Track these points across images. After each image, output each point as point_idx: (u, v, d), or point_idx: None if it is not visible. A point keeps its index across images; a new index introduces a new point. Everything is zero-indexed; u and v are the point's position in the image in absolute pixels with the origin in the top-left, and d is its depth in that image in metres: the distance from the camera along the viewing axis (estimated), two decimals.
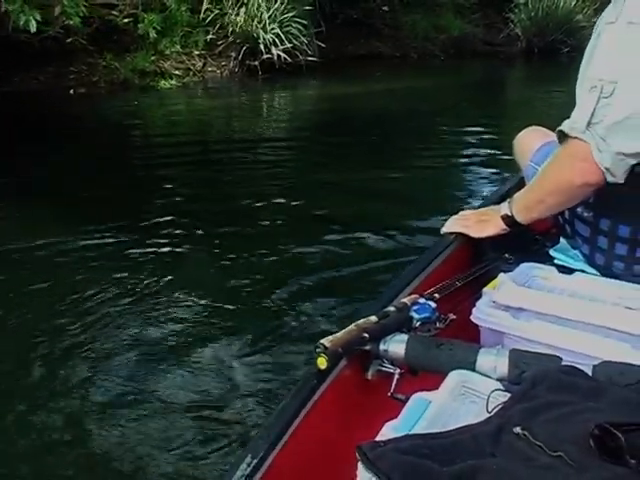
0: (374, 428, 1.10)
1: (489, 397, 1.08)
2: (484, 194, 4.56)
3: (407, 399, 1.16)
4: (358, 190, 4.87)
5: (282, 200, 4.68)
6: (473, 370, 1.21)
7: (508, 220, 1.72)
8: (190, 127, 7.50)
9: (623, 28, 1.39)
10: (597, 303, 1.49)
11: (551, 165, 1.59)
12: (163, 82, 9.16)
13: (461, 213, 1.94)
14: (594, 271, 1.73)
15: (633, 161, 1.42)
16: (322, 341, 1.25)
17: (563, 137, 1.50)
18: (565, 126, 1.48)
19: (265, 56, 9.82)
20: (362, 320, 1.34)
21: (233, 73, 10.03)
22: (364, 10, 12.39)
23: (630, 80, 1.37)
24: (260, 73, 9.87)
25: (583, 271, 1.72)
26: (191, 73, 9.70)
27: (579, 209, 1.70)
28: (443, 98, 9.43)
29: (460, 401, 1.13)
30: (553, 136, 1.63)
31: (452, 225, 1.89)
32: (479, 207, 2.05)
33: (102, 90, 8.82)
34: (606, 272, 1.70)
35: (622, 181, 1.44)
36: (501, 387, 1.13)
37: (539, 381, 1.06)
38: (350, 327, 1.31)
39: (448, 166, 5.93)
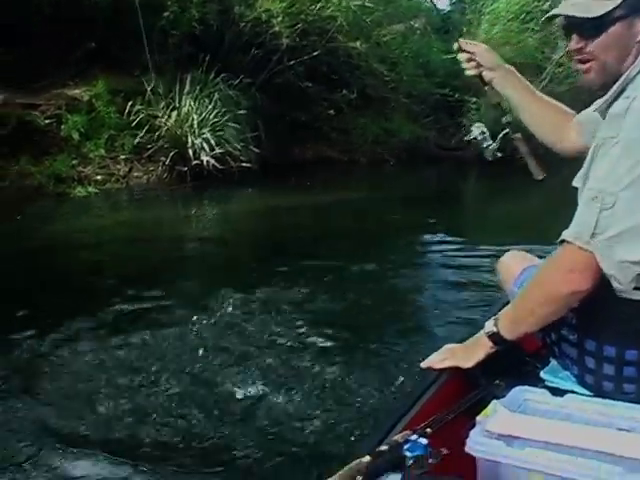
0: None
1: None
2: (462, 322, 4.15)
3: None
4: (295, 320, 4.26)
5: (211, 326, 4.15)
6: None
7: (495, 337, 1.77)
8: (114, 244, 6.59)
9: (624, 143, 1.50)
10: (590, 427, 1.51)
11: (542, 274, 1.69)
12: (79, 189, 8.30)
13: (445, 347, 1.95)
14: (585, 391, 1.76)
15: (639, 269, 1.52)
16: None
17: (567, 246, 1.59)
18: (568, 235, 1.57)
19: (195, 162, 9.00)
20: (355, 462, 1.36)
21: (161, 179, 9.25)
22: (310, 113, 11.77)
23: (629, 193, 1.48)
24: (190, 180, 9.16)
25: (574, 392, 1.74)
26: (113, 179, 8.89)
27: (564, 331, 1.77)
28: (396, 209, 8.73)
29: None
30: (534, 260, 1.97)
31: (438, 361, 1.91)
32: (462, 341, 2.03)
33: (11, 197, 7.87)
34: (597, 392, 1.73)
35: (630, 288, 1.54)
36: None
37: None
38: (343, 470, 1.34)
39: (412, 290, 5.25)
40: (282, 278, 5.14)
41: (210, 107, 9.54)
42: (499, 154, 2.38)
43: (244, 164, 9.59)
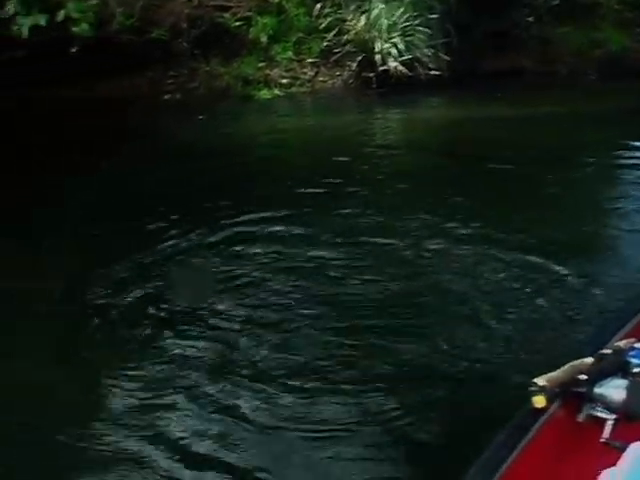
0: (587, 473, 1.16)
1: None
2: None
3: (623, 447, 1.17)
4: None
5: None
6: None
7: None
8: (294, 147, 6.65)
9: None
10: None
11: None
12: (265, 92, 8.28)
13: None
14: None
15: None
16: (536, 380, 1.27)
17: None
18: None
19: (382, 68, 8.67)
20: (578, 361, 1.33)
21: (346, 84, 9.02)
22: (507, 20, 10.93)
23: None
24: (375, 86, 8.89)
25: None
26: (299, 82, 8.79)
27: None
28: (593, 127, 8.00)
29: None
30: None
31: None
32: None
33: (200, 97, 8.04)
34: None
35: None
36: None
37: None
38: (566, 367, 1.30)
39: (604, 212, 5.23)
40: (462, 187, 4.97)
41: (401, 11, 9.05)
42: None
43: (433, 72, 9.09)
